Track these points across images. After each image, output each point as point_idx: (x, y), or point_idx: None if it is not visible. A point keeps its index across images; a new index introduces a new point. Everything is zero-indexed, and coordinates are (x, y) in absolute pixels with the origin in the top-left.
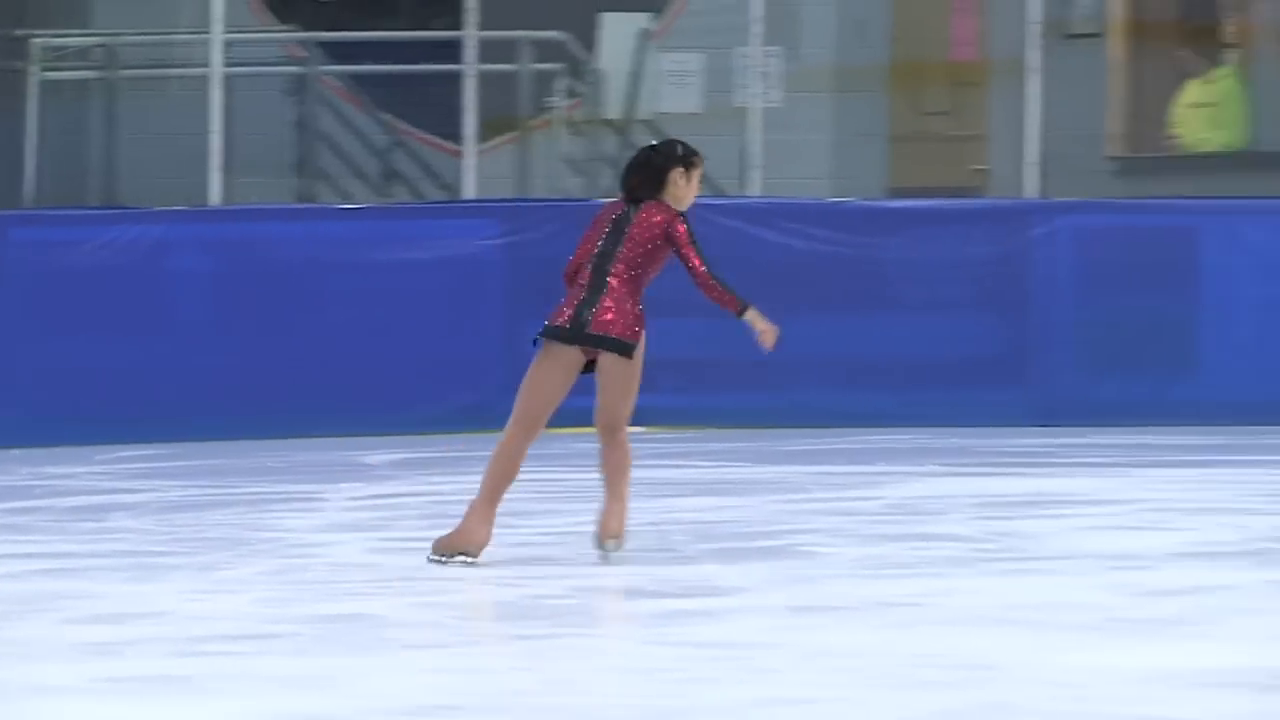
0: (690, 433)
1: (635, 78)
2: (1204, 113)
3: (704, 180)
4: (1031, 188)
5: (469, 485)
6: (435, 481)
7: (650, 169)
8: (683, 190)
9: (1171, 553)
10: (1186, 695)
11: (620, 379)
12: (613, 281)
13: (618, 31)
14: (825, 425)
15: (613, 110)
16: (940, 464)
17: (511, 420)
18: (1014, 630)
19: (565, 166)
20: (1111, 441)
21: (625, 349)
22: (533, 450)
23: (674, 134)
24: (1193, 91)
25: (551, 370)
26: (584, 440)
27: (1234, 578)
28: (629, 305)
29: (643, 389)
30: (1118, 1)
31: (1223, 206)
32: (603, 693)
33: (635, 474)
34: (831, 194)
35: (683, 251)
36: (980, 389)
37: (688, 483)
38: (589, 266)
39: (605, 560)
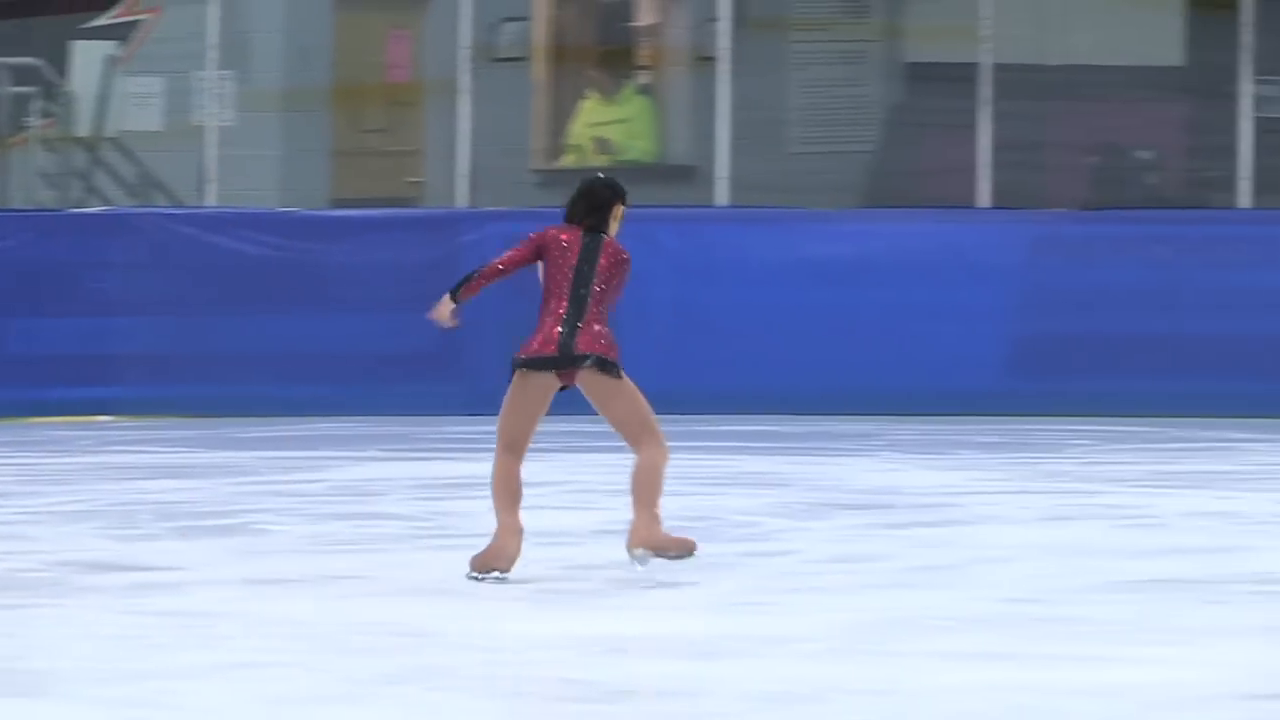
0: (153, 421)
1: (103, 100)
2: (612, 129)
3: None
4: (462, 198)
5: None
6: None
7: (599, 200)
8: (617, 224)
9: (594, 530)
10: (607, 660)
11: (614, 388)
12: (592, 308)
13: (87, 58)
14: (275, 414)
15: (83, 129)
16: (381, 449)
17: (499, 448)
18: (449, 600)
19: (40, 180)
20: (538, 429)
21: (608, 365)
22: (11, 438)
23: (138, 150)
24: (593, 111)
25: (531, 397)
26: (63, 429)
27: None
28: (606, 327)
29: (110, 381)
30: (540, 29)
31: (639, 215)
32: (76, 657)
33: (104, 459)
34: (280, 204)
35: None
36: (416, 381)
37: (151, 466)
38: (564, 295)
39: (638, 564)
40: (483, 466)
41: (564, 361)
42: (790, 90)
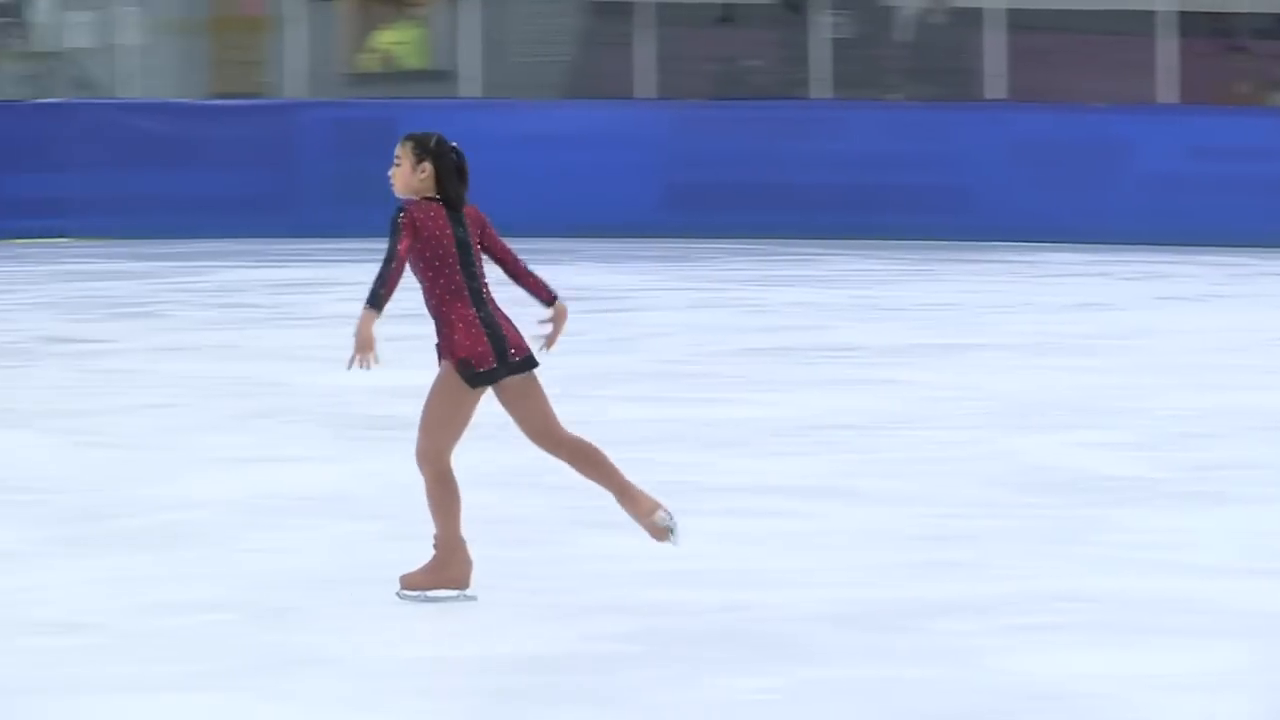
0: (92, 241)
1: (54, 27)
2: (398, 47)
3: None
4: (292, 91)
5: None
6: None
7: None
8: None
9: None
10: None
11: (537, 387)
12: (493, 299)
13: None
14: (173, 236)
15: (41, 46)
16: (243, 260)
17: (437, 457)
18: (299, 364)
19: (11, 81)
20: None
21: (534, 363)
22: None
23: (78, 60)
24: (388, 35)
25: (470, 409)
26: (31, 248)
27: None
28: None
29: (63, 215)
30: None
31: (413, 105)
32: (42, 400)
33: (59, 267)
34: (173, 96)
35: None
36: (257, 213)
37: (90, 271)
38: (464, 294)
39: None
40: (314, 272)
41: (510, 369)
42: (512, 19)
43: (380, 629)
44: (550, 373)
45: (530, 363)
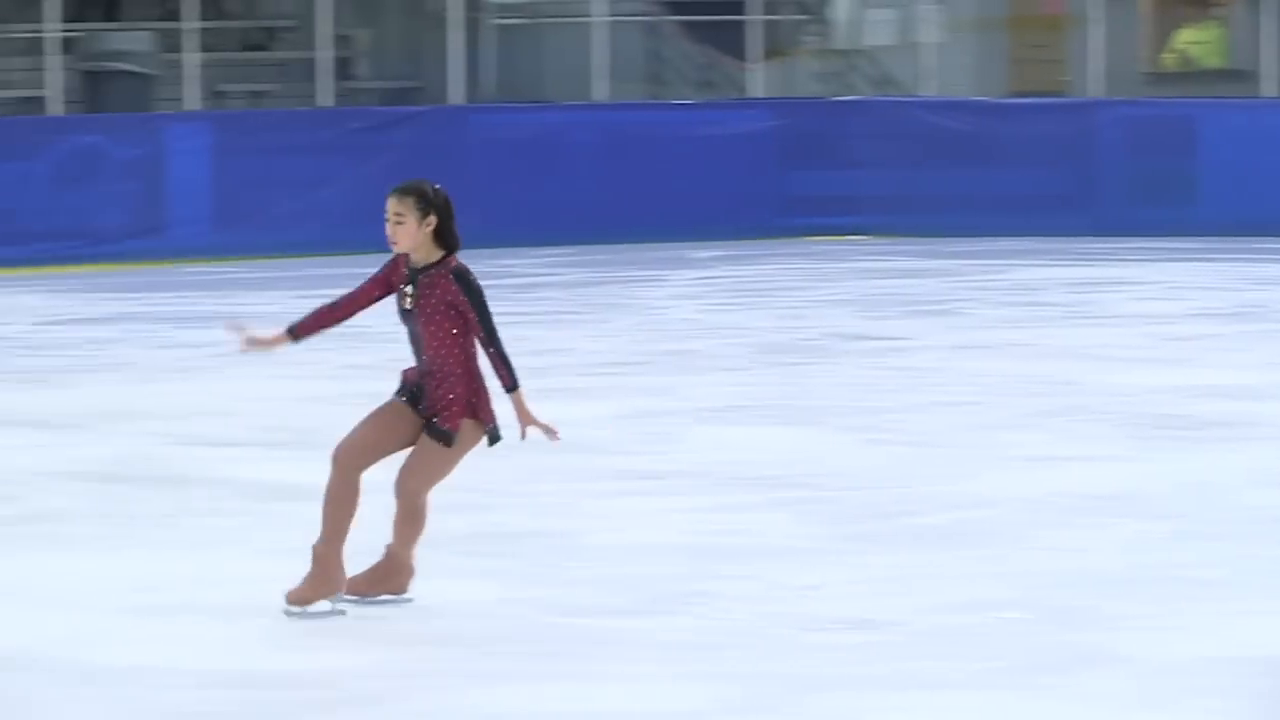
0: (888, 240)
1: (853, 24)
2: (1197, 46)
3: None
4: (1094, 90)
5: None
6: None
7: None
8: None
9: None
10: (1190, 400)
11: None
12: None
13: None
14: (969, 234)
15: (840, 44)
16: (1039, 259)
17: (418, 496)
18: (1090, 360)
19: (811, 78)
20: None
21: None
22: (793, 251)
23: (877, 57)
24: (1187, 34)
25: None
26: (828, 245)
27: None
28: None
29: (858, 213)
30: None
31: (1214, 104)
32: (834, 398)
33: (855, 264)
34: (973, 94)
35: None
36: (1055, 212)
37: (888, 268)
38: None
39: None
40: (1112, 271)
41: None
42: None
43: (1170, 629)
44: None
45: None
